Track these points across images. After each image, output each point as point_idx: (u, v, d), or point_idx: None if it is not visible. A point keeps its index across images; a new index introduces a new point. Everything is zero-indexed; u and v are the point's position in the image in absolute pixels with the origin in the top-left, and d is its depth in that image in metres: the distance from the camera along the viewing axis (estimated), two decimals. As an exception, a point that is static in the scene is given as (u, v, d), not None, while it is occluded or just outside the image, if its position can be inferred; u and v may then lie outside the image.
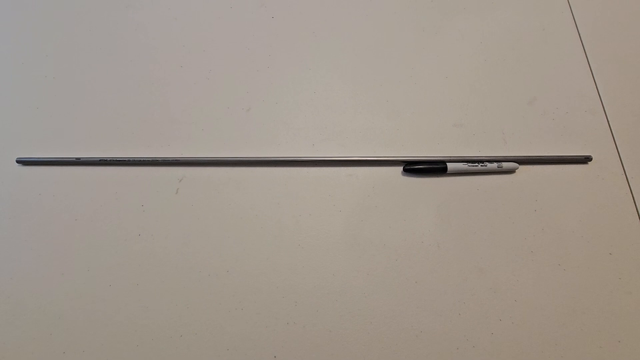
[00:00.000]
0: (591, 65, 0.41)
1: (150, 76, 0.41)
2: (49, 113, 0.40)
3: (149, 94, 0.40)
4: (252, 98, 0.40)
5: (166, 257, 0.34)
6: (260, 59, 0.42)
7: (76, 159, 0.37)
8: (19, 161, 0.37)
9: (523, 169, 0.36)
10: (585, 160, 0.36)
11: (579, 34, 0.42)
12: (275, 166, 0.37)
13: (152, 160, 0.36)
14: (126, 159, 0.36)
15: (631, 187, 0.35)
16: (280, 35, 0.43)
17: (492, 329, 0.31)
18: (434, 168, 0.35)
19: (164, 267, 0.33)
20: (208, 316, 0.32)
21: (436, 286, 0.32)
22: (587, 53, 0.41)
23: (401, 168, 0.36)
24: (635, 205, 0.34)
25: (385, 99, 0.40)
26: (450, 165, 0.35)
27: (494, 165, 0.35)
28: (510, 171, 0.36)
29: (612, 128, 0.38)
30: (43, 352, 0.31)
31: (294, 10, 0.44)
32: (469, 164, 0.35)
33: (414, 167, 0.36)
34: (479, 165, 0.35)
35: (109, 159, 0.36)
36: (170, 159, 0.36)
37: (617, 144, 0.37)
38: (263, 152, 0.37)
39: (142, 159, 0.36)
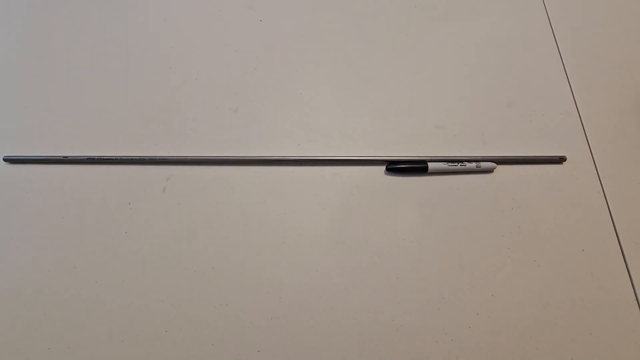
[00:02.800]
0: (567, 70, 0.42)
1: (138, 76, 0.42)
2: (37, 112, 0.40)
3: (137, 94, 0.41)
4: (240, 99, 0.41)
5: (152, 254, 0.34)
6: (247, 61, 0.43)
7: (63, 157, 0.37)
8: (6, 159, 0.37)
9: (501, 168, 0.37)
10: (560, 160, 0.38)
11: (556, 41, 0.44)
12: (262, 165, 0.38)
13: (140, 159, 0.37)
14: (114, 158, 0.37)
15: (603, 187, 0.37)
16: (267, 38, 0.44)
17: (470, 323, 0.32)
18: (416, 167, 0.37)
19: (150, 264, 0.34)
20: (193, 312, 0.32)
21: (416, 282, 0.33)
22: (563, 59, 0.43)
23: (384, 167, 0.37)
24: (607, 203, 0.36)
25: (369, 101, 0.41)
26: (431, 165, 0.36)
27: (473, 164, 0.36)
28: (489, 171, 0.37)
29: (585, 130, 0.39)
30: (28, 348, 0.31)
31: (281, 14, 0.46)
32: (449, 164, 0.36)
33: (396, 167, 0.37)
34: (459, 165, 0.36)
35: (96, 157, 0.37)
36: (158, 158, 0.37)
37: (590, 145, 0.39)
38: (250, 151, 0.38)
39: (129, 158, 0.37)
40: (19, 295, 0.33)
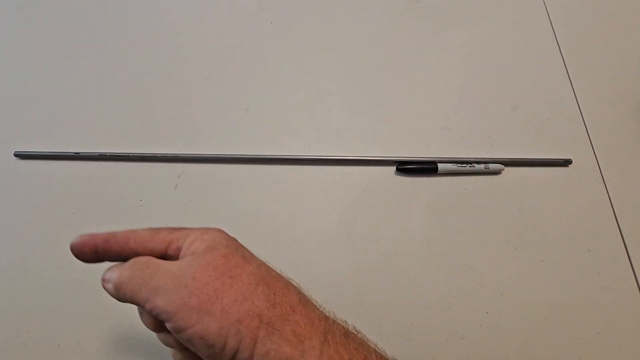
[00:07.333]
0: (570, 75, 0.43)
1: (151, 75, 0.42)
2: (49, 108, 0.40)
3: (149, 92, 0.41)
4: (251, 98, 0.41)
5: (164, 251, 0.34)
6: (258, 62, 0.43)
7: (75, 153, 0.37)
8: (17, 155, 0.37)
9: (508, 170, 0.38)
10: (566, 163, 0.38)
11: (559, 46, 0.45)
12: (273, 164, 0.38)
13: (152, 156, 0.37)
14: (126, 155, 0.37)
15: (608, 189, 0.37)
16: (278, 39, 0.45)
17: (480, 321, 0.32)
18: (426, 168, 0.37)
19: (161, 261, 0.34)
20: (204, 309, 0.32)
21: (426, 281, 0.34)
22: (566, 64, 0.44)
23: (394, 168, 0.38)
24: (612, 205, 0.37)
25: (379, 103, 0.42)
26: (440, 166, 0.37)
27: (481, 166, 0.37)
28: (497, 172, 0.38)
29: (589, 134, 0.40)
30: (37, 344, 0.31)
31: (292, 17, 0.46)
32: (458, 165, 0.37)
33: (407, 167, 0.37)
34: (468, 166, 0.37)
35: (108, 154, 0.37)
36: (170, 155, 0.37)
37: (594, 148, 0.39)
38: (261, 150, 0.38)
39: (141, 155, 0.37)
40: (27, 291, 0.33)
